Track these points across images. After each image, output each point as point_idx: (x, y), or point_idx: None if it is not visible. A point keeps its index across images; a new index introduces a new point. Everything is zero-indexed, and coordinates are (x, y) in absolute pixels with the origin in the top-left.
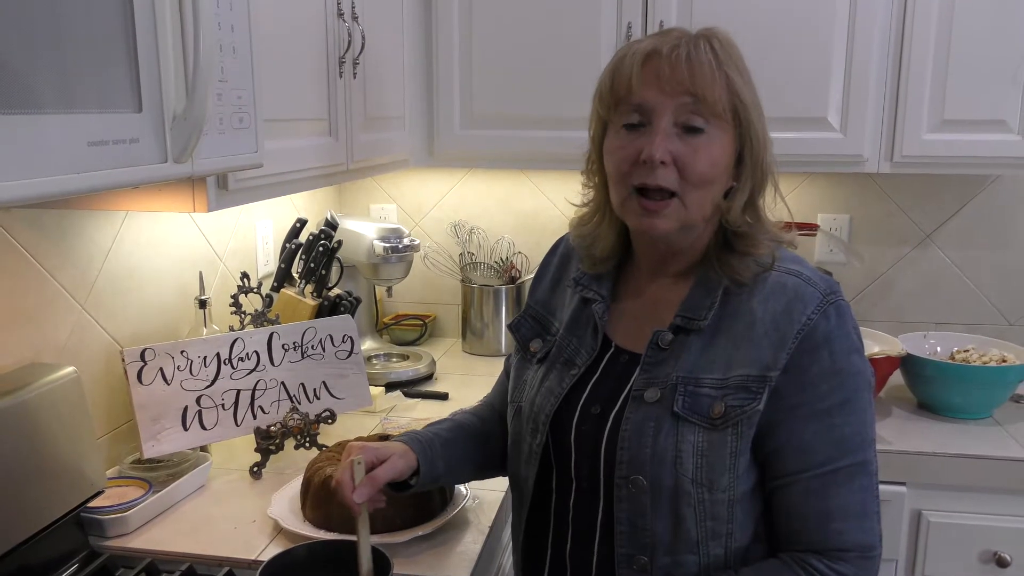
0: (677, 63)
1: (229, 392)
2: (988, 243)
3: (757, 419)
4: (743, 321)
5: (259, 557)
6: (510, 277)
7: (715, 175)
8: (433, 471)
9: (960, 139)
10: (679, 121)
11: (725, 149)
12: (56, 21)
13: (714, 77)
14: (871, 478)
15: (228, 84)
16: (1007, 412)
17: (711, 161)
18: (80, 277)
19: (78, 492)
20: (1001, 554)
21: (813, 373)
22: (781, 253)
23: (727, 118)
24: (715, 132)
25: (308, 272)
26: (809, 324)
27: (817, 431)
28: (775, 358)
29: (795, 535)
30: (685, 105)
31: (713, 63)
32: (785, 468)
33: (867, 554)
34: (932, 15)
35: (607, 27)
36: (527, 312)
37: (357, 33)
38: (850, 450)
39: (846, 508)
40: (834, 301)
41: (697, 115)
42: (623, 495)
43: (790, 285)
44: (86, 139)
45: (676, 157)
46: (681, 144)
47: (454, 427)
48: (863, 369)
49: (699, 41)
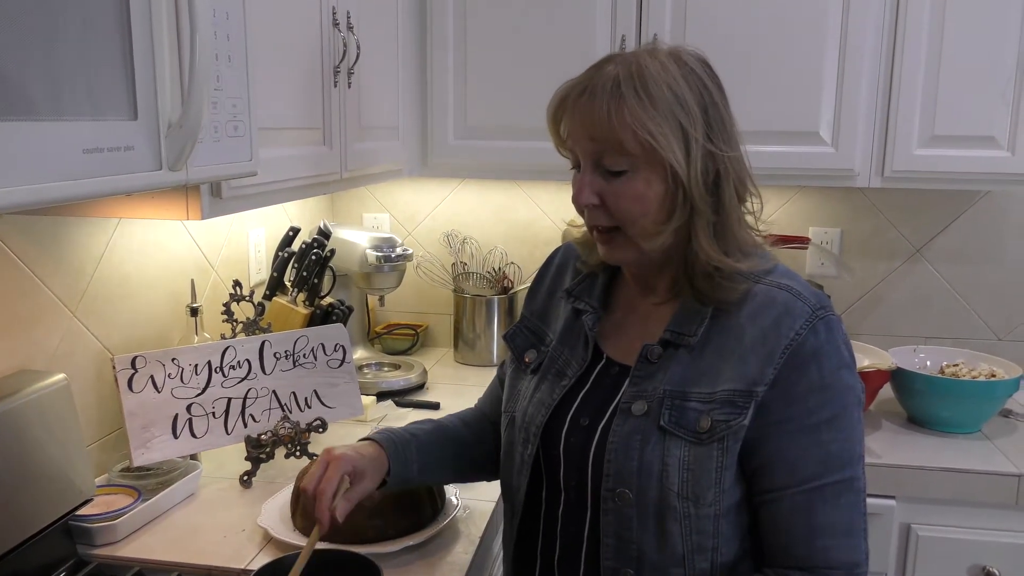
0: (578, 108)
1: (220, 400)
2: (978, 258)
3: (743, 434)
4: (732, 336)
5: (248, 566)
6: (503, 287)
7: (642, 210)
8: (405, 473)
9: (950, 155)
10: (599, 164)
11: (650, 183)
12: (51, 28)
13: (610, 122)
14: (858, 495)
15: (223, 92)
16: (996, 426)
17: (633, 198)
18: (71, 284)
19: (67, 500)
20: (990, 568)
21: (801, 388)
22: (774, 267)
23: (639, 154)
24: (637, 168)
25: (300, 281)
26: (798, 339)
27: (805, 447)
28: (762, 373)
29: (781, 551)
30: (592, 150)
31: (611, 108)
32: (772, 483)
33: (853, 572)
34: (923, 31)
35: (601, 39)
36: (522, 323)
37: (352, 43)
38: (838, 467)
39: (832, 525)
40: (824, 316)
41: (605, 157)
42: (609, 507)
43: (780, 300)
44: (81, 146)
45: (602, 198)
46: (605, 184)
47: (435, 429)
48: (853, 385)
49: (608, 83)
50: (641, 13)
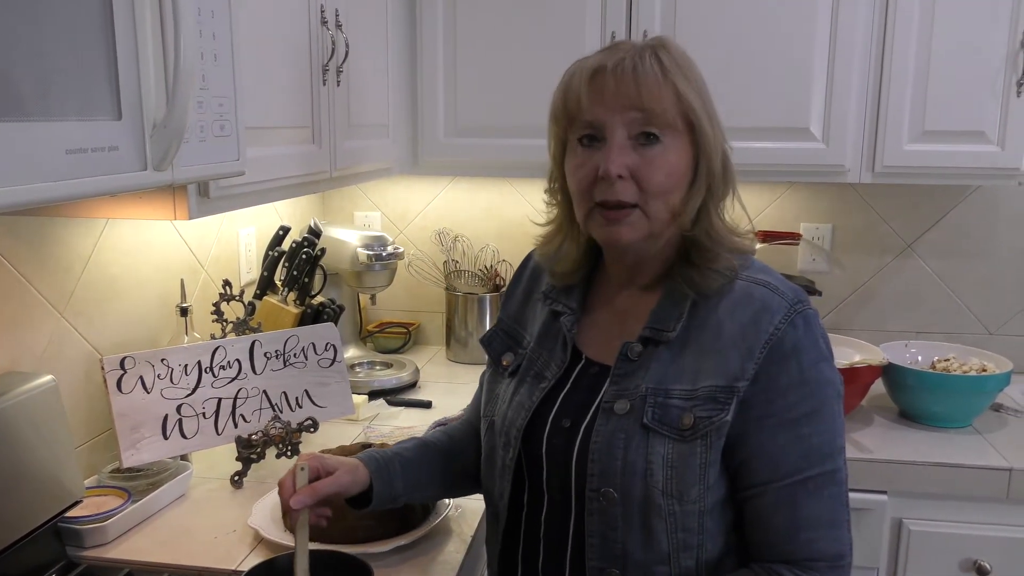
0: (623, 78)
1: (210, 401)
2: (969, 253)
3: (726, 430)
4: (711, 332)
5: (239, 567)
6: (494, 285)
7: (673, 184)
8: (390, 491)
9: (940, 150)
10: (632, 134)
11: (681, 157)
12: (33, 27)
13: (660, 88)
14: (840, 487)
15: (209, 92)
16: (987, 421)
17: (667, 170)
18: (59, 285)
19: (56, 501)
20: (981, 562)
21: (782, 383)
22: (749, 262)
23: (679, 126)
24: (669, 141)
25: (291, 280)
26: (777, 334)
27: (786, 441)
28: (743, 368)
29: (765, 545)
30: (635, 119)
31: (659, 74)
32: (754, 478)
33: (837, 563)
34: (912, 26)
35: (591, 36)
36: (499, 326)
37: (341, 41)
38: (819, 460)
39: (816, 518)
40: (802, 310)
41: (649, 126)
42: (594, 508)
43: (757, 295)
44: (64, 147)
45: (632, 170)
46: (637, 156)
47: (419, 446)
48: (832, 378)
49: (645, 53)
50: (631, 11)
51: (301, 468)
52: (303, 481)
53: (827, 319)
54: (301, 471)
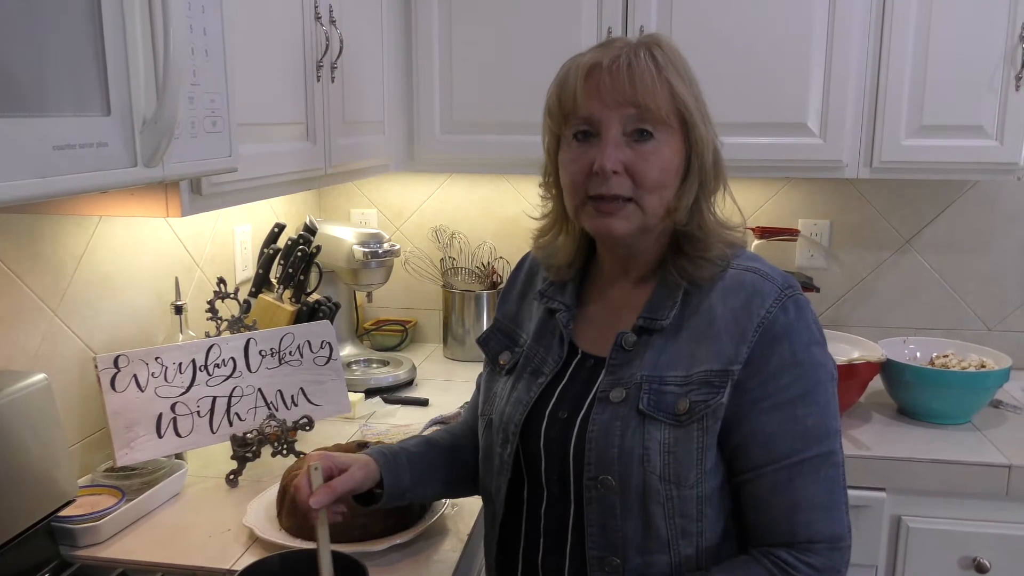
0: (618, 74)
1: (205, 399)
2: (967, 248)
3: (722, 413)
4: (704, 318)
5: (233, 567)
6: (491, 282)
7: (667, 179)
8: (398, 484)
9: (938, 144)
10: (627, 130)
11: (674, 152)
12: (19, 21)
13: (655, 85)
14: (837, 468)
15: (200, 87)
16: (986, 417)
17: (661, 166)
18: (52, 283)
19: (49, 501)
20: (980, 559)
21: (774, 365)
22: (739, 252)
23: (672, 123)
24: (663, 137)
25: (286, 277)
26: (768, 317)
27: (780, 423)
28: (736, 352)
29: (764, 529)
30: (630, 116)
31: (654, 71)
32: (750, 462)
33: (836, 544)
34: (910, 21)
35: (587, 32)
36: (495, 326)
37: (335, 37)
38: (814, 441)
39: (813, 499)
40: (792, 295)
41: (644, 123)
42: (592, 496)
43: (748, 281)
44: (51, 143)
45: (627, 165)
46: (631, 152)
47: (423, 442)
48: (824, 362)
49: (639, 50)
50: (627, 6)
51: (314, 468)
52: (318, 481)
53: (825, 315)
54: (315, 471)
